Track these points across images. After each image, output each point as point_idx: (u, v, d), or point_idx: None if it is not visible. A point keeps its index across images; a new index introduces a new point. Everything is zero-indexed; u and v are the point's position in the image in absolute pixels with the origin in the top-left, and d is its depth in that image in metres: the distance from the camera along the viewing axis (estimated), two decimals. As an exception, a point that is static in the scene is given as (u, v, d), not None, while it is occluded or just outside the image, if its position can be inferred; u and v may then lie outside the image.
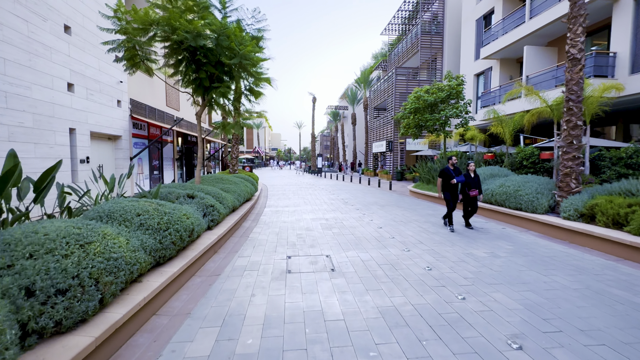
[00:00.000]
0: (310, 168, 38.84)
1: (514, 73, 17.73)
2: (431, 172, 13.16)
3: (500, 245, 5.56)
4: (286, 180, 24.74)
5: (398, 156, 24.88)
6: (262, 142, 77.01)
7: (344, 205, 10.58)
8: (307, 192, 15.22)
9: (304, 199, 12.46)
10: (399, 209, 9.76)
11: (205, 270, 4.26)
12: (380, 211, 9.42)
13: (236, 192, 7.77)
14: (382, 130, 28.34)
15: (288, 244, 5.72)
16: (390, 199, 12.25)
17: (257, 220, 7.90)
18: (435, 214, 8.99)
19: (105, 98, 11.22)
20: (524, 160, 11.84)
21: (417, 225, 7.34)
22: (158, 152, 15.91)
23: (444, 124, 12.39)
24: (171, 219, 3.66)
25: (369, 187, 18.39)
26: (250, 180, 10.59)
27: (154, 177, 15.38)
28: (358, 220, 7.92)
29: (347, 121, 50.54)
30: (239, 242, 5.83)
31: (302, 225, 7.39)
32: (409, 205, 10.63)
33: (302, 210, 9.52)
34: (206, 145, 25.18)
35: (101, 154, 11.49)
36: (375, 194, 14.43)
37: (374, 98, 31.93)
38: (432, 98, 12.15)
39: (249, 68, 6.60)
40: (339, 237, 6.22)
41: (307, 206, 10.42)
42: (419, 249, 5.32)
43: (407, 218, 8.28)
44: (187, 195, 5.57)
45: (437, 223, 7.63)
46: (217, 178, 8.54)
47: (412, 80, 25.12)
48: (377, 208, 10.02)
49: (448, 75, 13.09)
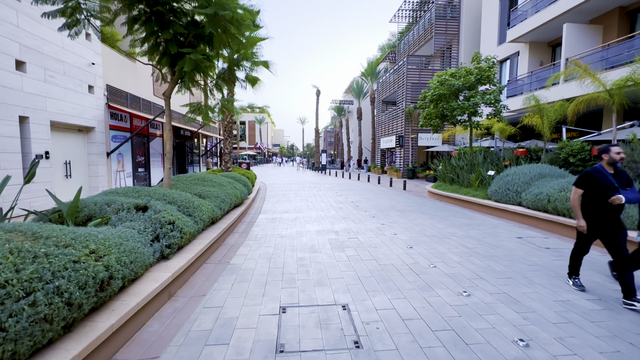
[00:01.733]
0: (314, 165, 36.96)
1: (544, 58, 15.68)
2: (456, 170, 11.26)
3: None
4: (287, 178, 22.92)
5: (409, 152, 22.95)
6: (265, 138, 75.24)
7: (355, 211, 8.75)
8: (310, 192, 13.40)
9: (307, 201, 10.64)
10: (424, 217, 7.91)
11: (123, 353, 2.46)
12: (401, 219, 7.57)
13: (219, 197, 5.96)
14: (391, 125, 26.37)
15: (284, 277, 3.91)
16: (408, 202, 10.39)
17: (247, 234, 6.10)
18: (472, 223, 7.12)
19: (72, 82, 9.44)
20: (570, 156, 9.90)
21: (458, 243, 5.49)
22: (144, 147, 14.16)
23: (474, 114, 10.46)
24: (45, 272, 1.85)
25: (380, 186, 16.52)
26: (243, 180, 8.79)
27: (139, 174, 13.65)
28: (378, 234, 6.08)
29: (352, 116, 48.53)
30: (214, 273, 4.03)
31: (305, 242, 5.57)
32: (434, 211, 8.77)
33: (305, 218, 7.70)
34: (202, 140, 23.44)
35: (69, 148, 9.74)
36: (389, 195, 12.57)
37: (381, 90, 29.91)
38: (459, 83, 10.21)
39: (231, 30, 4.76)
40: (357, 264, 4.39)
41: (310, 212, 8.60)
42: (484, 291, 3.49)
43: (439, 231, 6.43)
44: (136, 207, 3.77)
45: (484, 240, 5.78)
46: (196, 179, 6.74)
47: (425, 70, 23.09)
48: (397, 215, 8.17)
49: (476, 57, 11.13)
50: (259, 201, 10.61)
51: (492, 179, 9.25)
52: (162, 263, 3.46)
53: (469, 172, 10.72)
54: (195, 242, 4.27)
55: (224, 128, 12.31)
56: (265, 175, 25.61)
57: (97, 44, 10.59)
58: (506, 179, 8.37)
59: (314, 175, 26.16)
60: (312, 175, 27.14)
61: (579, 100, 9.77)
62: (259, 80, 13.34)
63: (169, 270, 3.29)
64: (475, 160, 10.68)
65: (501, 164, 10.21)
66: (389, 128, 27.03)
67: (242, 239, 5.71)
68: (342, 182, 19.34)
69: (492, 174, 9.30)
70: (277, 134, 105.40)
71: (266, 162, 72.18)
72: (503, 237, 6.00)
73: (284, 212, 8.60)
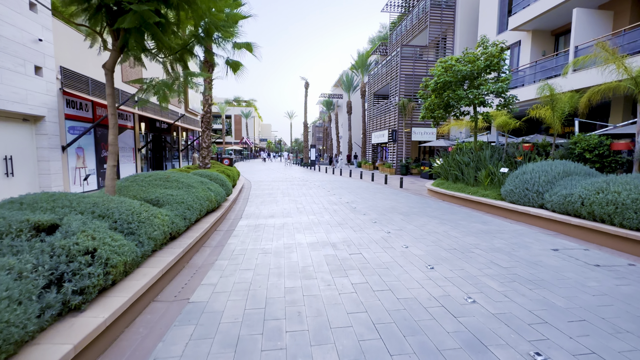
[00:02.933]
0: (303, 160, 35.59)
1: (547, 48, 14.84)
2: (460, 166, 10.22)
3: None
4: (275, 174, 21.55)
5: (403, 147, 21.94)
6: (252, 133, 73.18)
7: (352, 214, 7.56)
8: (299, 191, 12.14)
9: (297, 202, 9.39)
10: (433, 221, 6.79)
11: None
12: (408, 225, 6.43)
13: (185, 202, 4.64)
14: (383, 119, 25.30)
15: (266, 328, 2.67)
16: (409, 203, 9.29)
17: (221, 249, 4.81)
18: (490, 230, 6.05)
19: (11, 60, 7.79)
20: (586, 151, 9.00)
21: (487, 260, 4.37)
22: (111, 140, 12.51)
23: (482, 104, 9.40)
24: None
25: (374, 184, 15.41)
26: (220, 179, 7.43)
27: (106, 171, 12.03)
28: (385, 248, 4.91)
29: (341, 110, 47.30)
30: (161, 323, 2.75)
31: (295, 261, 4.34)
32: (442, 214, 7.68)
33: (295, 225, 6.45)
34: (182, 133, 21.72)
35: (9, 141, 8.13)
36: (386, 193, 11.46)
37: (373, 83, 28.77)
38: (466, 69, 9.11)
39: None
40: (369, 299, 3.19)
41: (301, 216, 7.36)
42: (564, 353, 2.36)
43: (457, 241, 5.31)
44: (37, 228, 2.44)
45: (515, 254, 4.68)
46: (159, 179, 5.36)
47: (419, 61, 22.04)
48: (401, 219, 7.03)
49: (483, 41, 10.05)
50: (241, 202, 9.28)
51: (506, 177, 8.24)
52: (65, 322, 2.15)
53: (475, 169, 9.70)
54: (136, 274, 2.97)
55: (201, 119, 10.83)
56: (250, 172, 24.15)
57: (46, 17, 8.92)
58: (523, 178, 7.35)
59: (302, 172, 24.86)
60: (300, 171, 25.84)
61: (595, 90, 8.84)
62: (241, 66, 11.91)
63: (72, 335, 1.99)
64: (483, 155, 9.67)
65: (512, 160, 9.22)
66: (380, 122, 25.96)
67: (214, 257, 4.42)
68: (333, 179, 18.15)
69: (506, 171, 8.29)
70: (264, 129, 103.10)
71: (253, 158, 70.26)
72: (535, 249, 4.93)
73: (269, 216, 7.32)
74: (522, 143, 11.42)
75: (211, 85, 10.54)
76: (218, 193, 6.39)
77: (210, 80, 10.57)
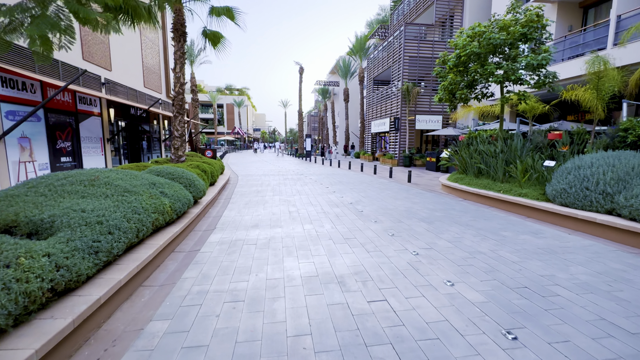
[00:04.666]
0: (297, 151, 33.66)
1: (574, 22, 13.07)
2: (485, 158, 8.54)
3: None
4: (266, 167, 19.74)
5: (406, 136, 20.20)
6: (245, 123, 70.79)
7: (360, 222, 5.87)
8: (293, 188, 10.40)
9: (290, 203, 7.67)
10: (467, 233, 5.13)
11: None
12: (438, 240, 4.75)
13: (107, 222, 2.89)
14: (384, 106, 23.45)
15: None
16: (426, 203, 7.63)
17: (164, 297, 3.11)
18: (552, 246, 4.39)
19: None
20: (641, 140, 7.37)
21: (592, 313, 2.71)
22: (69, 128, 10.61)
23: (517, 81, 7.65)
24: None
25: (377, 177, 13.72)
26: (188, 178, 5.62)
27: (64, 165, 10.19)
28: (420, 286, 3.23)
29: (337, 98, 45.21)
30: None
31: (282, 322, 2.63)
32: (472, 219, 6.03)
33: (286, 241, 4.74)
34: (163, 122, 19.69)
35: None
36: (395, 190, 9.78)
37: (372, 68, 26.78)
38: (500, 37, 7.32)
39: None
40: None
41: (295, 225, 5.64)
42: None
43: (522, 272, 3.64)
44: None
45: (624, 297, 3.04)
46: (78, 182, 3.57)
47: (424, 42, 20.09)
48: (425, 230, 5.35)
49: (513, 7, 8.24)
50: (221, 204, 7.52)
51: (551, 173, 6.59)
52: None
53: (504, 162, 8.04)
54: None
55: (172, 101, 8.93)
56: (240, 164, 22.29)
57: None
58: (580, 174, 5.70)
59: (297, 163, 23.06)
60: (294, 162, 24.02)
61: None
62: (222, 38, 9.93)
63: None
64: (513, 145, 7.99)
65: (556, 151, 7.55)
66: (381, 109, 24.12)
67: (147, 313, 2.71)
68: (331, 172, 16.42)
69: (552, 165, 6.63)
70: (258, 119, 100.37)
71: (247, 148, 68.06)
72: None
73: (252, 225, 5.60)
74: (548, 131, 9.76)
75: (183, 59, 8.63)
76: (178, 199, 4.62)
77: (183, 53, 8.64)
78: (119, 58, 13.62)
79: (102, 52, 12.43)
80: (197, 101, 29.29)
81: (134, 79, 15.13)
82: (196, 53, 29.61)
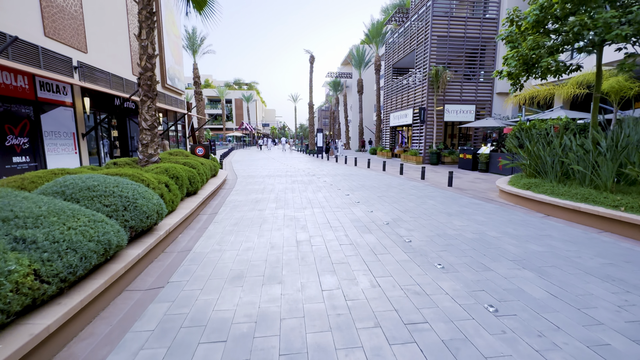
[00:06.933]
0: (308, 147, 31.27)
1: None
2: (585, 158, 5.94)
3: None
4: (272, 165, 17.41)
5: (433, 129, 17.51)
6: (254, 118, 68.84)
7: (418, 268, 3.45)
8: (304, 195, 8.02)
9: (298, 223, 5.30)
10: (624, 294, 2.65)
11: None
12: (572, 324, 2.31)
13: None
14: (405, 95, 20.75)
15: None
16: (499, 224, 5.13)
17: None
18: None
19: None
20: None
21: None
22: (25, 121, 8.50)
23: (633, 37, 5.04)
24: None
25: (406, 179, 11.20)
26: (125, 196, 3.33)
27: (15, 168, 8.09)
28: None
29: (350, 91, 42.48)
30: None
31: None
32: (596, 257, 3.53)
33: (291, 323, 2.38)
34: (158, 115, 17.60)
35: None
36: (439, 199, 7.26)
37: (391, 54, 24.04)
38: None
39: None
40: None
41: (308, 276, 3.27)
42: None
43: None
44: None
45: None
46: None
47: (455, 19, 17.26)
48: (541, 290, 2.88)
49: None
50: (199, 225, 5.22)
51: None
52: None
53: (612, 161, 5.43)
54: None
55: (138, 80, 6.61)
56: (244, 162, 20.08)
57: None
58: None
59: (307, 161, 20.66)
60: (304, 160, 21.62)
61: None
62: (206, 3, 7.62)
63: None
64: (632, 138, 5.37)
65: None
66: (402, 100, 21.41)
67: None
68: (348, 172, 13.95)
69: None
70: (268, 114, 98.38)
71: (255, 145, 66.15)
72: None
73: (233, 277, 3.26)
74: None
75: (151, 21, 6.29)
76: (74, 246, 2.30)
77: (151, 12, 6.28)
78: (98, 38, 11.43)
79: (73, 29, 10.24)
80: (201, 94, 27.22)
81: (119, 64, 12.95)
82: (199, 42, 27.51)
